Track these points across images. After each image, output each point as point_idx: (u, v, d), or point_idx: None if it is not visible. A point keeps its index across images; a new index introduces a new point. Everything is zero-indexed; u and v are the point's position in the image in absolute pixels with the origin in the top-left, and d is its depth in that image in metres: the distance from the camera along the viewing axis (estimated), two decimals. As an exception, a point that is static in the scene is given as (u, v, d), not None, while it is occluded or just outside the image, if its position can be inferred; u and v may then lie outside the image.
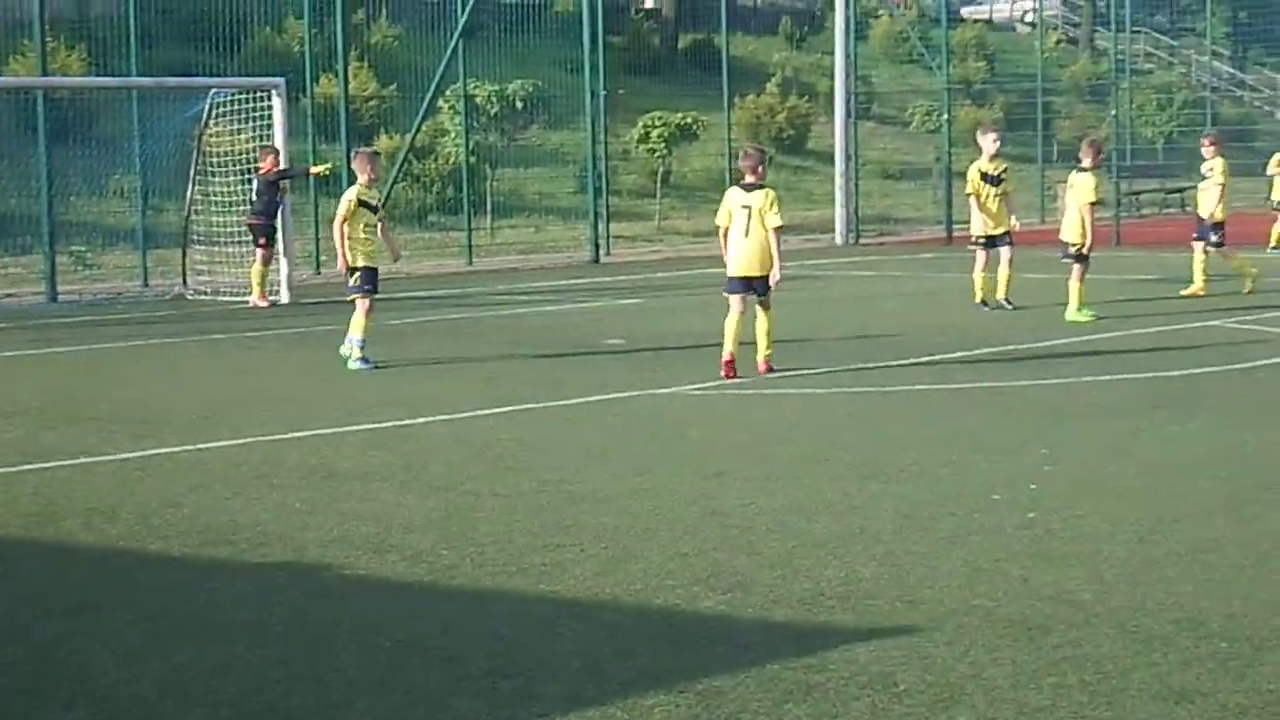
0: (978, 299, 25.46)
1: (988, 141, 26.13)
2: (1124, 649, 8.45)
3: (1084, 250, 23.96)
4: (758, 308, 18.85)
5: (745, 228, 18.64)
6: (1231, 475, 12.86)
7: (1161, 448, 14.14)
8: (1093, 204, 24.20)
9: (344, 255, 20.20)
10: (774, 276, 18.68)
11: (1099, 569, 10.05)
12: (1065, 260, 24.33)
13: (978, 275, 25.59)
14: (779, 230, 18.70)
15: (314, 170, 32.59)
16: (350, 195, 20.25)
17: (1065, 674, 8.08)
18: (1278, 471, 12.99)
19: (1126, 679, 7.99)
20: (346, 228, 20.07)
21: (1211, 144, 28.41)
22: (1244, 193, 56.94)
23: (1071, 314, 23.78)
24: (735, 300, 18.76)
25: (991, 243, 25.60)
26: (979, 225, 25.70)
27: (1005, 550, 10.57)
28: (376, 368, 19.72)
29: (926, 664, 8.27)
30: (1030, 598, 9.45)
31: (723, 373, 18.47)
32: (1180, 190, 53.03)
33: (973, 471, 13.24)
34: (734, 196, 18.95)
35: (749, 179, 18.89)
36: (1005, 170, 26.36)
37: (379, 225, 20.52)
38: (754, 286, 18.75)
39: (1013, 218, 25.96)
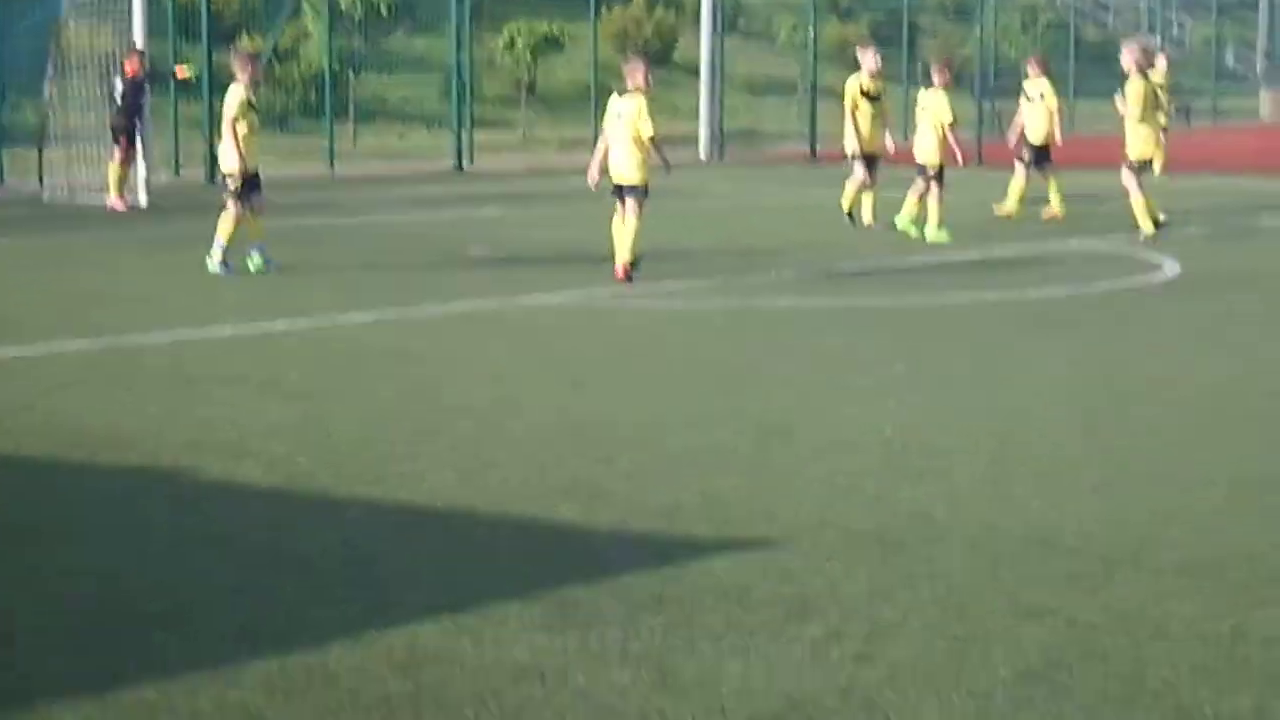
0: (847, 210, 25.32)
1: (868, 58, 25.90)
2: (976, 565, 8.53)
3: (939, 169, 24.04)
4: (627, 212, 19.18)
5: (621, 136, 19.18)
6: (1084, 396, 12.99)
7: (1017, 368, 14.24)
8: (949, 123, 24.26)
9: (240, 153, 19.94)
10: (665, 175, 19.77)
11: (953, 486, 10.13)
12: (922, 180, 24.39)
13: (852, 187, 25.34)
14: (653, 139, 19.13)
15: (180, 73, 32.26)
16: (240, 95, 20.00)
17: (918, 589, 8.16)
18: (1129, 393, 13.13)
19: (978, 595, 8.08)
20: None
21: (1038, 64, 28.41)
22: (1106, 116, 57.64)
23: (931, 233, 23.87)
24: (618, 205, 19.30)
25: (870, 161, 25.44)
26: (853, 141, 25.45)
27: (861, 466, 10.64)
28: (232, 273, 19.58)
29: (781, 577, 8.32)
30: (885, 514, 9.52)
31: (616, 274, 19.12)
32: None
33: (831, 388, 13.31)
34: (612, 104, 19.63)
35: (628, 86, 19.32)
36: (884, 89, 26.28)
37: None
38: (623, 192, 19.17)
39: (889, 138, 25.85)
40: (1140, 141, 24.11)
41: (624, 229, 19.15)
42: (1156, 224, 23.84)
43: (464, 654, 7.27)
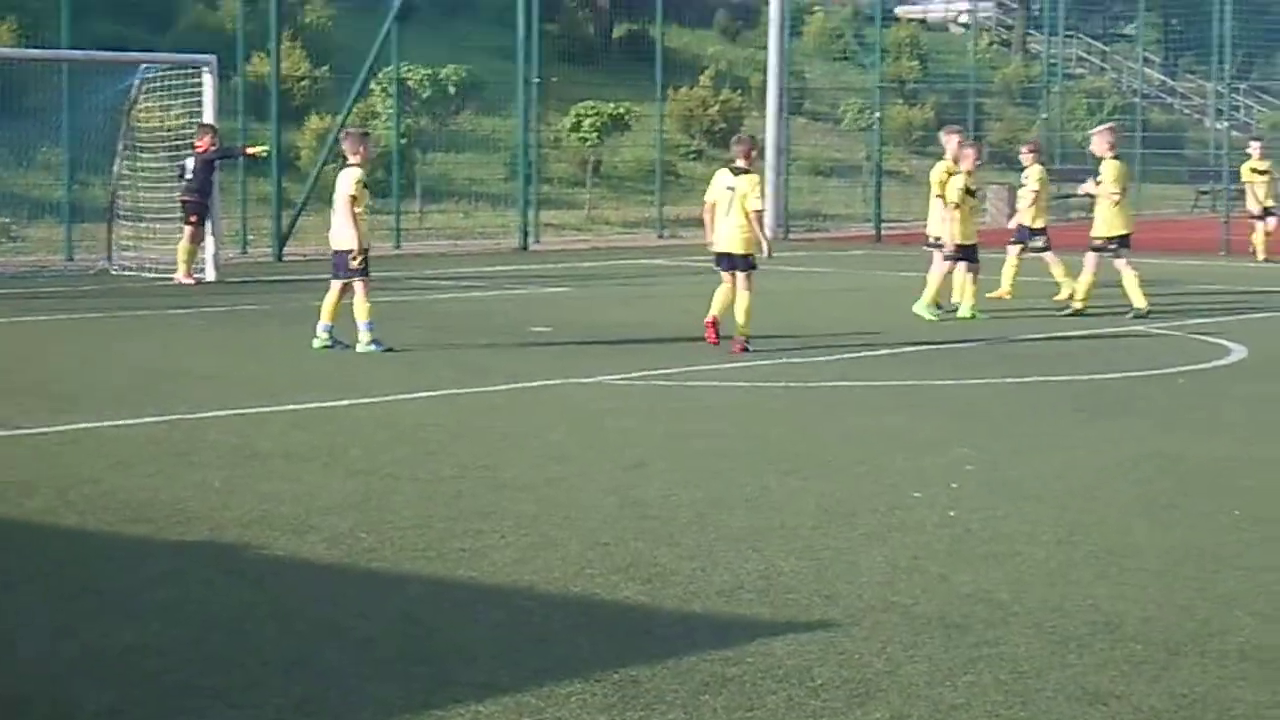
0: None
1: (968, 157, 25.76)
2: (1040, 649, 8.50)
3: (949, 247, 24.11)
4: (738, 287, 20.03)
5: (728, 208, 20.04)
6: (1148, 480, 12.94)
7: (1081, 451, 14.19)
8: (956, 205, 24.08)
9: (360, 232, 19.94)
10: (762, 253, 20.40)
11: (1017, 569, 10.10)
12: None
13: (947, 279, 24.92)
14: (759, 213, 20.37)
15: (251, 151, 32.46)
16: (357, 175, 19.99)
17: (981, 672, 8.12)
18: (1194, 478, 13.08)
19: (1042, 679, 8.04)
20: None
21: (1030, 152, 28.21)
22: (1174, 199, 57.60)
23: (964, 311, 23.98)
24: (724, 275, 20.26)
25: (968, 254, 25.16)
26: (952, 234, 24.89)
27: (924, 548, 10.61)
28: (389, 350, 19.71)
29: (843, 659, 8.30)
30: (948, 596, 9.49)
31: (706, 334, 20.05)
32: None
33: (894, 469, 13.27)
34: (722, 179, 20.35)
35: (740, 163, 20.09)
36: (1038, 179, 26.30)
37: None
38: (735, 263, 20.06)
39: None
40: (1109, 221, 24.49)
41: (739, 303, 19.98)
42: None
43: (524, 733, 7.26)
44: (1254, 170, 36.06)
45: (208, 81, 30.03)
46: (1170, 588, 9.73)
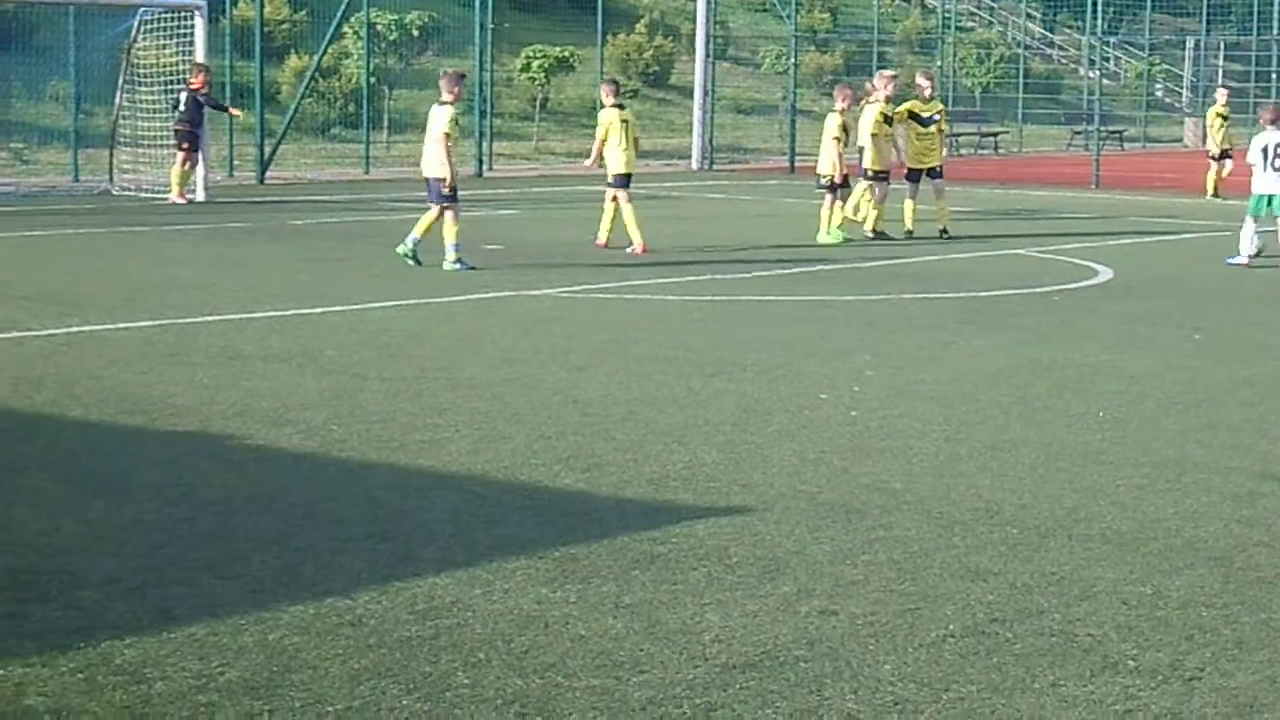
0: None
1: (926, 85, 25.75)
2: (928, 532, 8.54)
3: (834, 181, 24.00)
4: (624, 202, 21.63)
5: (621, 137, 21.64)
6: (1026, 385, 13.00)
7: (968, 359, 14.25)
8: (836, 139, 23.87)
9: (451, 164, 19.80)
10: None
11: (909, 462, 10.15)
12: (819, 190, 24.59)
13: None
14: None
15: (232, 111, 32.23)
16: (451, 113, 19.87)
17: (877, 552, 8.16)
18: (1065, 384, 13.13)
19: (930, 558, 8.09)
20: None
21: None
22: (1051, 138, 57.69)
23: (822, 235, 23.96)
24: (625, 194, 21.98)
25: (919, 175, 25.32)
26: (887, 159, 24.80)
27: (829, 443, 10.65)
28: (471, 268, 19.57)
29: (756, 540, 8.33)
30: (849, 485, 9.53)
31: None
32: (995, 134, 53.39)
33: (804, 374, 13.31)
34: (613, 114, 22.00)
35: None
36: (941, 112, 26.00)
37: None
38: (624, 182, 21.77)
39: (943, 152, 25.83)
40: (872, 158, 24.48)
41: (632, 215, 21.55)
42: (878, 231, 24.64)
43: (476, 603, 7.27)
44: (1218, 115, 35.40)
45: (199, 24, 29.82)
46: (1043, 479, 9.79)
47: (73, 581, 7.49)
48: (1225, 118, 34.85)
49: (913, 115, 25.32)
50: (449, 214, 19.69)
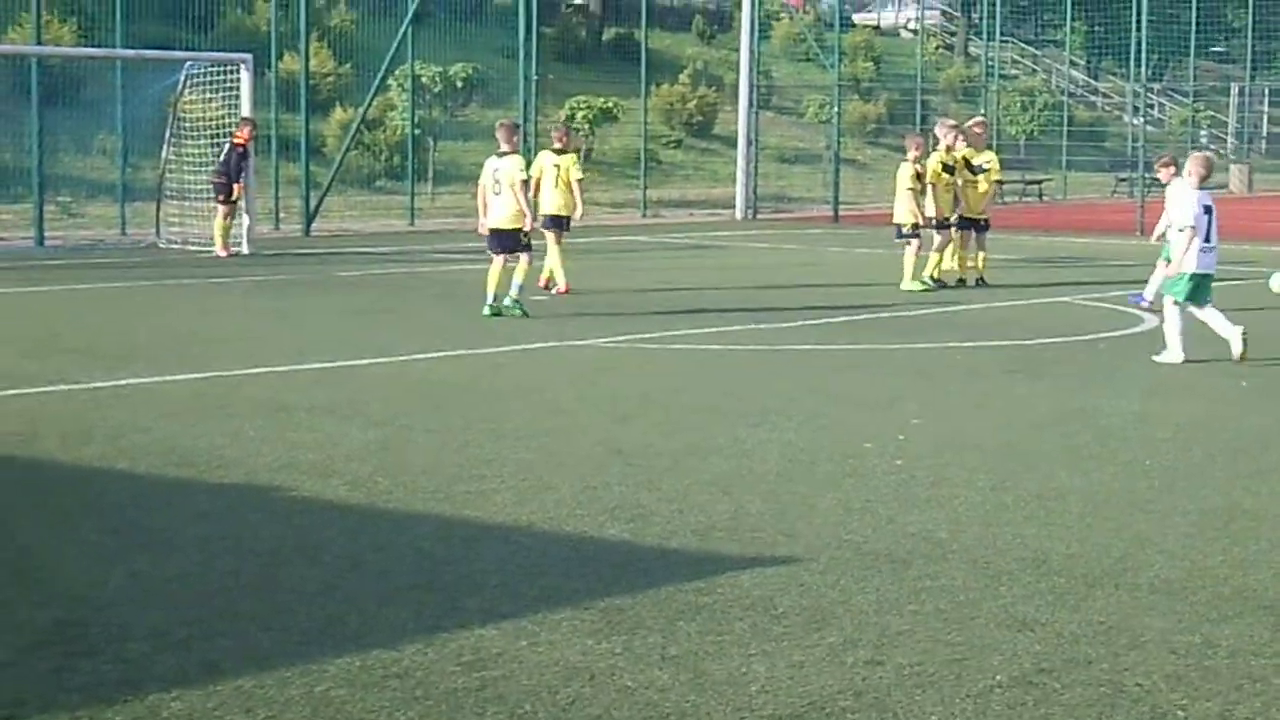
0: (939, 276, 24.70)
1: (974, 135, 25.56)
2: (974, 582, 8.52)
3: (909, 229, 23.96)
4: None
5: (555, 180, 22.32)
6: (1072, 434, 12.96)
7: (1013, 407, 14.23)
8: (910, 189, 23.86)
9: (531, 213, 20.24)
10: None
11: (955, 511, 10.12)
12: (899, 240, 24.31)
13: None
14: (580, 182, 22.75)
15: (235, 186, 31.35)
16: (521, 163, 20.21)
17: (923, 602, 8.14)
18: (1112, 432, 13.09)
19: (976, 608, 8.06)
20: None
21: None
22: (1095, 185, 57.59)
23: (906, 284, 23.85)
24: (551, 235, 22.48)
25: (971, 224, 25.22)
26: (948, 208, 24.71)
27: (874, 492, 10.63)
28: (525, 314, 19.84)
29: (802, 590, 8.31)
30: (894, 535, 9.51)
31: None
32: (1039, 182, 53.28)
33: (849, 423, 13.29)
34: (544, 159, 22.47)
35: (558, 146, 21.85)
36: (991, 161, 25.73)
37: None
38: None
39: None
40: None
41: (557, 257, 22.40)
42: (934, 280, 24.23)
43: (522, 654, 7.27)
44: None
45: (244, 77, 30.01)
46: (1090, 528, 9.75)
47: (120, 634, 7.51)
48: None
49: (968, 164, 25.16)
50: (524, 259, 19.94)
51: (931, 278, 24.40)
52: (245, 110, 29.69)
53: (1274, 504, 10.49)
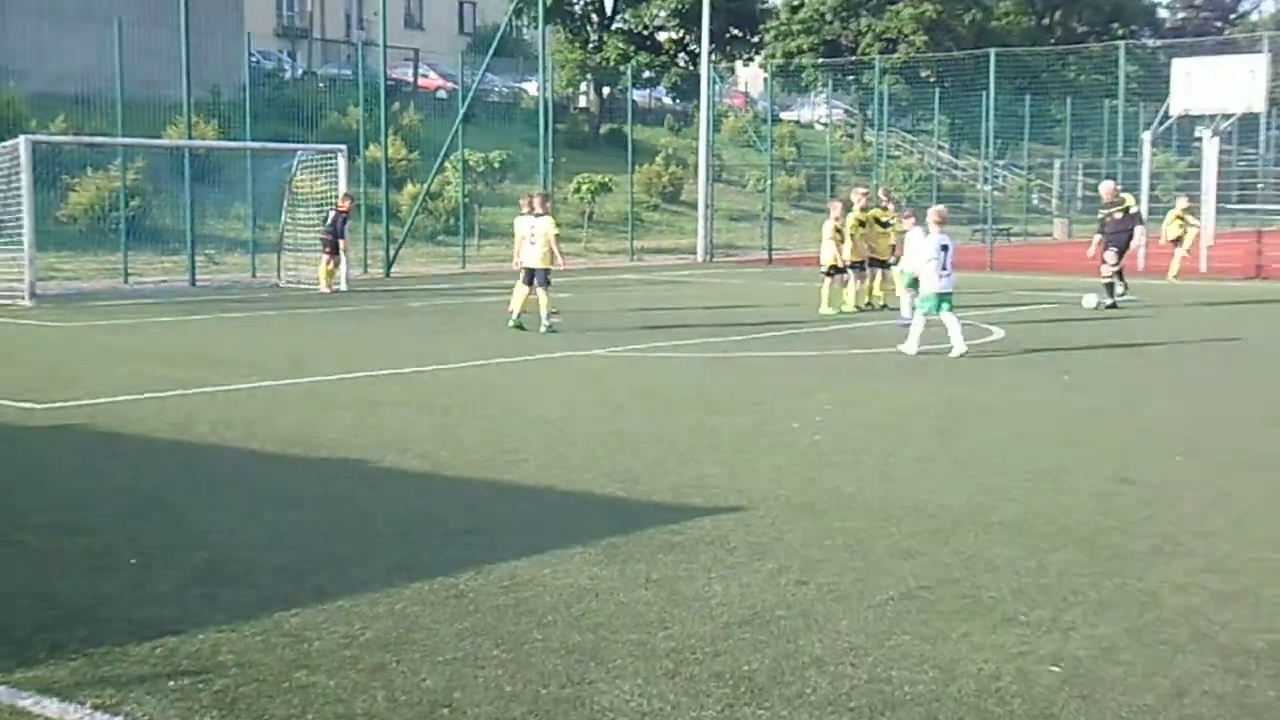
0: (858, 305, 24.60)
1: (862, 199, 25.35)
2: (872, 524, 8.53)
3: (832, 267, 23.99)
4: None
5: (531, 237, 20.29)
6: (941, 414, 12.98)
7: (899, 397, 14.23)
8: (831, 238, 23.93)
9: (558, 257, 20.44)
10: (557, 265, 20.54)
11: (858, 473, 10.13)
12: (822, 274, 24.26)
13: (850, 288, 24.64)
14: (556, 238, 20.41)
15: (341, 242, 31.34)
16: (552, 221, 20.36)
17: (835, 539, 8.15)
18: (971, 412, 13.11)
19: (873, 543, 8.07)
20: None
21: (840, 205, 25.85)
22: (957, 235, 57.49)
23: (823, 309, 23.79)
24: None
25: (878, 264, 24.98)
26: (862, 252, 24.59)
27: (799, 460, 10.64)
28: (555, 331, 19.96)
29: (748, 530, 8.32)
30: (814, 490, 9.51)
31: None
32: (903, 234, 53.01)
33: (780, 409, 13.30)
34: (524, 223, 20.46)
35: (539, 211, 20.29)
36: (896, 219, 25.43)
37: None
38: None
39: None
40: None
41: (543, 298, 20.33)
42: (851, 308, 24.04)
43: (545, 579, 7.28)
44: (1178, 217, 32.29)
45: (341, 162, 29.99)
46: (955, 483, 9.77)
47: (252, 569, 7.51)
48: (1182, 218, 33.06)
49: (876, 220, 25.16)
50: (543, 292, 20.20)
51: (857, 307, 24.39)
52: (342, 187, 29.67)
53: (1087, 464, 10.51)
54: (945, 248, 17.57)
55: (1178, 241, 32.29)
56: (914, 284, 18.97)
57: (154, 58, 33.94)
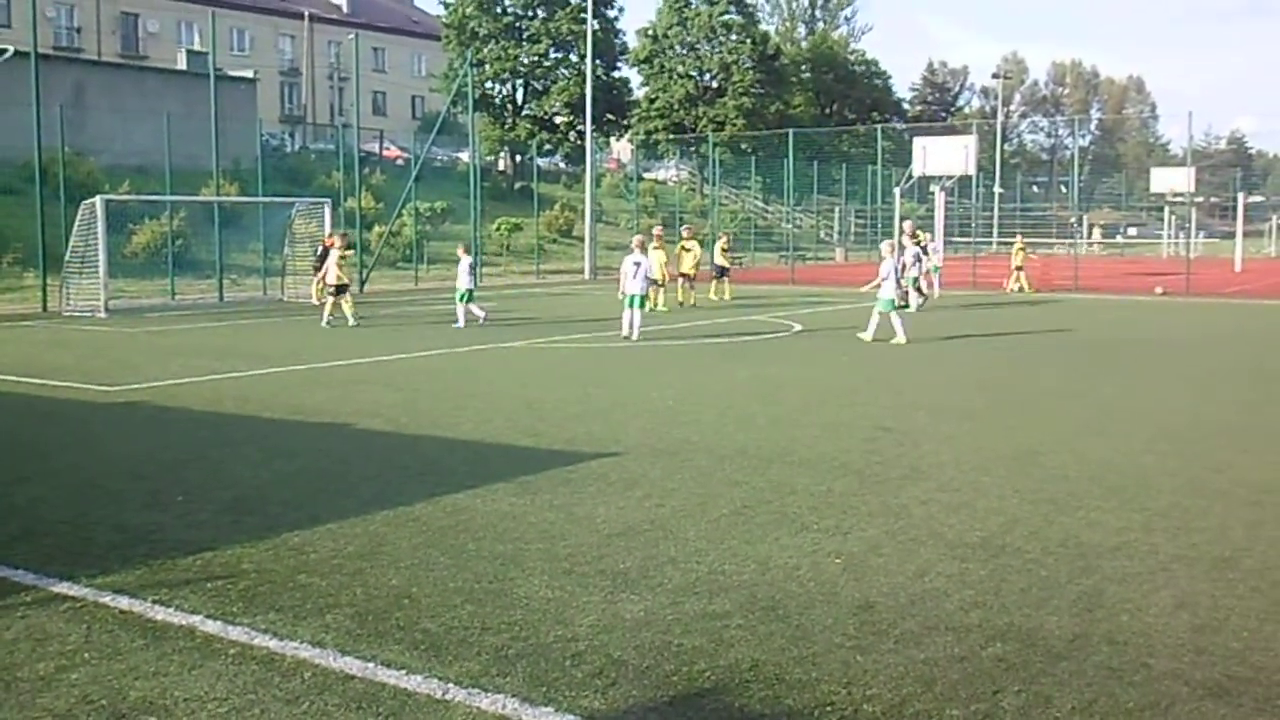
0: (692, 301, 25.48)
1: (720, 242, 26.26)
2: (710, 463, 8.59)
3: (659, 282, 24.29)
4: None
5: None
6: (759, 387, 13.09)
7: (726, 374, 14.33)
8: (660, 261, 24.40)
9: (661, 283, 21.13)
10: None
11: (699, 427, 10.19)
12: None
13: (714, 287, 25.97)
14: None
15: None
16: (663, 258, 21.21)
17: (684, 474, 8.20)
18: (778, 384, 13.23)
19: (711, 476, 8.13)
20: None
21: (690, 231, 26.93)
22: (768, 260, 58.03)
23: (652, 308, 23.82)
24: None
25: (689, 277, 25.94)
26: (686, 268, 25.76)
27: (657, 419, 10.67)
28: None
29: (623, 469, 8.34)
30: (669, 440, 9.55)
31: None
32: (740, 258, 53.42)
33: (642, 383, 13.32)
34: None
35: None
36: (699, 243, 26.22)
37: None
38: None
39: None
40: (655, 270, 23.63)
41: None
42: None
43: (478, 506, 7.23)
44: (1019, 249, 32.12)
45: (327, 211, 29.43)
46: (769, 433, 9.86)
47: (266, 502, 7.37)
48: (1024, 249, 32.56)
49: (683, 247, 26.33)
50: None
51: (680, 304, 24.98)
52: (327, 229, 29.09)
53: (858, 418, 10.68)
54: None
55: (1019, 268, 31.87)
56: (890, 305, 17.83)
57: (193, 139, 33.28)
